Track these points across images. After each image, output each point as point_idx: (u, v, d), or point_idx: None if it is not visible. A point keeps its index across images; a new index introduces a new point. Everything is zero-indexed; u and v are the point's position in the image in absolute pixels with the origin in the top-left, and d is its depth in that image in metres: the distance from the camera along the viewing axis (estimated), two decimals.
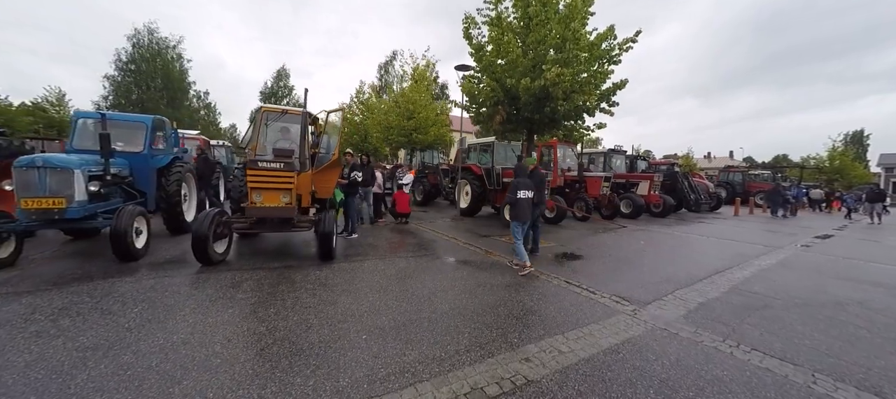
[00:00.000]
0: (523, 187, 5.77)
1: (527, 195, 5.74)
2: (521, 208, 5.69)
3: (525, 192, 5.73)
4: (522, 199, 5.69)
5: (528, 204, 5.74)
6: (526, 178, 6.03)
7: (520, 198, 5.68)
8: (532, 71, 6.18)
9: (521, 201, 5.69)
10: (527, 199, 5.73)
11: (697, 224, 12.80)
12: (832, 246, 9.40)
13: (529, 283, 5.07)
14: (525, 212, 5.70)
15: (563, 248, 7.58)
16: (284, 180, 5.47)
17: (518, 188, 5.76)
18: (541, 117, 6.71)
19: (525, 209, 5.70)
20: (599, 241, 8.55)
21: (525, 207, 5.70)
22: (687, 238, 9.62)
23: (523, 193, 5.72)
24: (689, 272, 5.96)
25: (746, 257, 7.34)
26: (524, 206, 5.70)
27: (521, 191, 5.73)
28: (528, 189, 5.78)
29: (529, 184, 5.89)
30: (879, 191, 16.47)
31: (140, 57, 31.41)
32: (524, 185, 5.81)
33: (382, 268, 5.64)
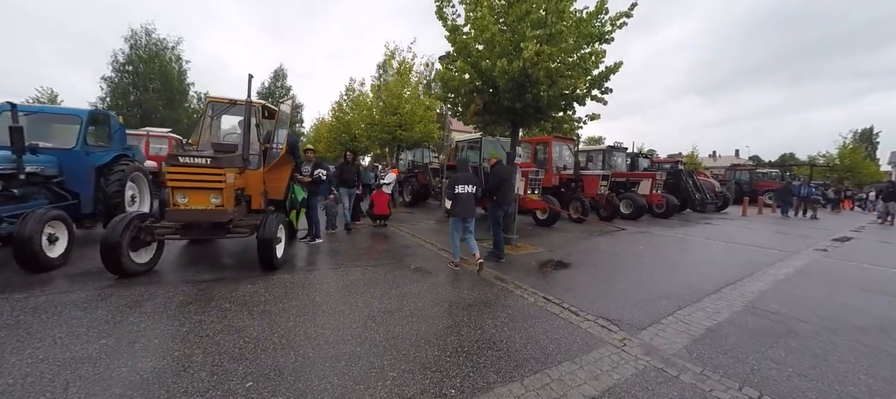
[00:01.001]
0: (463, 182, 5.37)
1: (467, 190, 5.33)
2: (461, 204, 5.33)
3: (465, 188, 5.33)
4: (462, 195, 5.32)
5: (469, 200, 5.35)
6: (467, 173, 5.59)
7: (458, 193, 5.32)
8: (512, 52, 5.24)
9: (461, 196, 5.32)
10: (467, 194, 5.33)
11: (703, 226, 11.76)
12: (853, 250, 8.33)
13: (499, 302, 4.15)
14: (465, 208, 5.34)
15: (551, 255, 6.64)
16: (212, 178, 4.60)
17: (457, 183, 5.38)
18: (523, 106, 5.77)
19: (465, 205, 5.33)
20: (593, 246, 7.59)
21: (465, 203, 5.33)
22: (691, 242, 8.62)
23: (463, 188, 5.33)
24: (694, 284, 5.00)
25: (759, 265, 6.34)
26: (464, 201, 5.33)
27: (461, 186, 5.34)
28: (469, 184, 5.37)
29: (471, 178, 5.48)
30: (894, 189, 15.26)
31: (137, 58, 30.93)
32: (464, 179, 5.41)
33: (330, 280, 4.75)
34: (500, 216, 6.01)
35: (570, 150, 12.81)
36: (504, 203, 6.01)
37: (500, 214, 6.01)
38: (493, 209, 6.05)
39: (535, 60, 4.97)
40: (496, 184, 5.96)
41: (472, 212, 5.41)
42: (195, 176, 4.56)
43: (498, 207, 5.99)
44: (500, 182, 5.93)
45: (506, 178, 6.04)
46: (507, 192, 6.04)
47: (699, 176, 17.41)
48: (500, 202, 5.95)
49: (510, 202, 6.27)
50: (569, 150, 12.95)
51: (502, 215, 6.06)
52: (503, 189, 5.93)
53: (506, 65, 5.21)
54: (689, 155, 45.60)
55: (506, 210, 6.12)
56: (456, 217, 5.45)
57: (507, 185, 6.04)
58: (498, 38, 5.36)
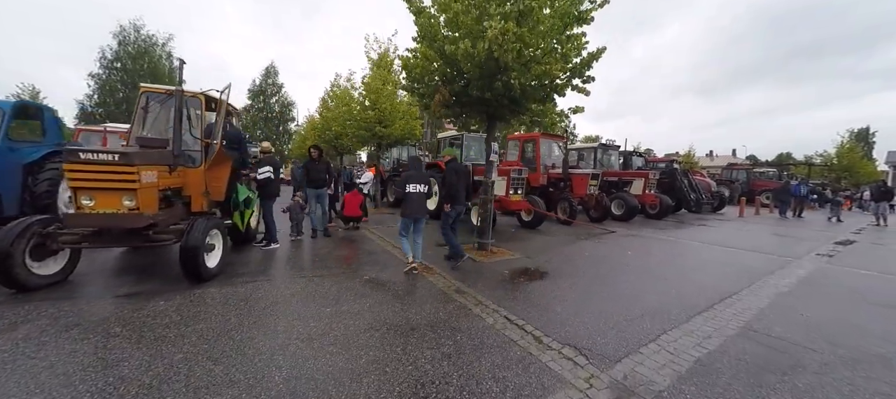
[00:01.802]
0: (413, 181, 5.06)
1: (417, 189, 5.04)
2: (411, 203, 5.03)
3: (415, 187, 5.04)
4: (412, 194, 5.02)
5: (419, 199, 5.07)
6: (418, 171, 5.27)
7: (409, 192, 5.01)
8: (477, 33, 4.56)
9: (411, 196, 5.02)
10: (417, 193, 5.04)
11: (698, 227, 11.09)
12: (859, 256, 7.66)
13: (449, 325, 3.47)
14: (415, 207, 5.04)
15: (528, 261, 5.96)
16: (122, 177, 3.91)
17: (407, 182, 5.05)
18: (494, 97, 5.09)
19: (415, 204, 5.04)
20: (577, 252, 6.90)
21: (415, 202, 5.04)
22: (684, 246, 7.94)
23: (413, 187, 5.03)
24: (684, 299, 4.33)
25: (758, 274, 5.67)
26: (414, 200, 5.04)
27: (411, 184, 5.03)
28: (420, 183, 5.08)
29: (421, 177, 5.17)
30: (887, 188, 14.61)
31: (126, 55, 30.20)
32: (414, 178, 5.09)
33: (261, 295, 4.07)
34: (451, 217, 5.62)
35: (559, 147, 12.11)
36: (456, 203, 5.58)
37: (451, 215, 5.61)
38: (446, 210, 5.65)
39: (501, 41, 4.29)
40: (452, 184, 5.56)
41: (422, 212, 5.15)
42: (100, 175, 3.87)
43: (452, 208, 5.60)
44: (454, 181, 5.52)
45: (460, 176, 5.61)
46: (461, 192, 5.60)
47: (695, 175, 16.74)
48: (451, 202, 5.56)
49: (464, 202, 5.81)
50: (558, 148, 12.26)
51: (455, 216, 5.66)
52: (458, 188, 5.55)
53: (469, 46, 4.53)
54: (685, 154, 44.99)
55: (459, 210, 5.69)
56: (406, 217, 5.10)
57: (461, 185, 5.59)
58: (462, 16, 4.67)
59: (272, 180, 6.13)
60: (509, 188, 8.51)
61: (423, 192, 5.11)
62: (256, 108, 36.57)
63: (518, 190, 8.67)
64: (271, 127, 37.05)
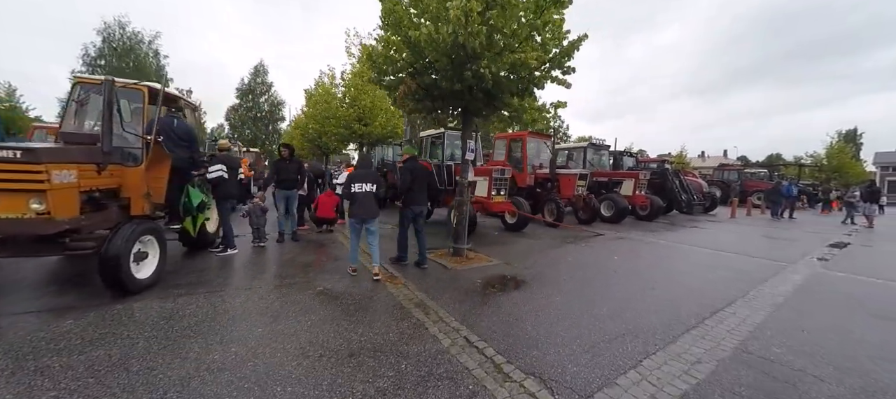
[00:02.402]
0: (360, 180, 4.77)
1: (364, 189, 4.74)
2: (359, 204, 4.75)
3: (362, 186, 4.75)
4: (359, 194, 4.74)
5: (367, 199, 4.75)
6: (366, 170, 5.05)
7: (355, 191, 4.75)
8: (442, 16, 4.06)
9: (358, 196, 4.75)
10: (364, 193, 4.74)
11: (689, 229, 10.68)
12: (856, 260, 7.26)
13: (397, 349, 2.96)
14: (363, 208, 4.74)
15: (506, 268, 5.47)
16: (25, 177, 3.36)
17: (353, 181, 4.80)
18: (464, 89, 4.59)
19: (363, 205, 4.74)
20: (560, 257, 6.43)
21: (363, 203, 4.74)
22: (674, 250, 7.50)
23: (359, 187, 4.74)
24: (671, 311, 3.86)
25: (752, 281, 5.23)
26: (362, 201, 4.74)
27: (357, 184, 4.75)
28: (367, 182, 4.77)
29: (369, 176, 4.87)
30: (874, 189, 14.36)
31: (110, 52, 29.37)
32: (361, 177, 4.81)
33: (191, 311, 3.53)
34: (408, 218, 5.35)
35: (547, 147, 11.65)
36: (413, 204, 5.30)
37: (408, 216, 5.35)
38: (401, 210, 5.45)
39: (465, 23, 3.80)
40: (407, 183, 5.22)
41: (372, 213, 4.80)
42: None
43: (406, 208, 5.35)
44: (410, 181, 5.21)
45: (417, 176, 5.27)
46: (419, 192, 5.30)
47: (687, 176, 16.40)
48: (409, 203, 5.29)
49: (423, 203, 5.47)
50: (546, 148, 11.80)
51: (412, 217, 5.37)
52: (414, 189, 5.25)
53: (432, 31, 4.03)
54: (678, 155, 44.87)
55: (416, 211, 5.37)
56: (354, 218, 4.82)
57: (418, 185, 5.27)
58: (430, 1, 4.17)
59: (225, 180, 5.58)
60: (491, 189, 8.02)
61: (372, 192, 4.76)
62: (245, 108, 35.83)
63: (501, 191, 8.19)
64: (260, 126, 36.31)
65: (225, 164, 5.65)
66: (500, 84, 4.75)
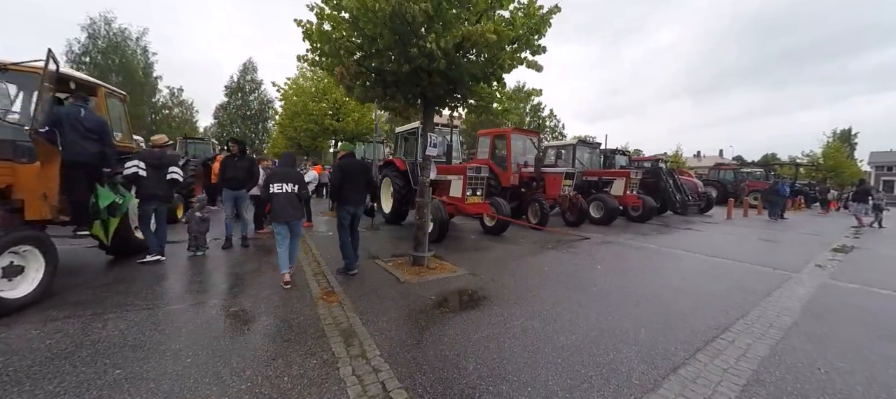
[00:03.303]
0: (280, 180, 4.38)
1: (283, 189, 4.35)
2: (278, 206, 4.35)
3: (281, 186, 4.35)
4: (278, 195, 4.34)
5: (287, 200, 4.36)
6: (288, 169, 4.65)
7: (274, 192, 4.34)
8: None
9: (277, 196, 4.33)
10: (284, 193, 4.35)
11: (683, 232, 9.93)
12: (861, 268, 6.51)
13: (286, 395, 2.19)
14: (281, 209, 4.35)
15: (470, 281, 4.71)
16: None
17: (272, 180, 4.40)
18: (414, 70, 3.83)
19: (283, 206, 4.35)
20: (536, 266, 5.66)
21: (282, 204, 4.35)
22: (665, 256, 6.74)
23: (278, 187, 4.34)
24: (655, 340, 3.10)
25: (753, 295, 4.48)
26: (281, 202, 4.34)
27: (276, 184, 4.35)
28: (287, 181, 4.38)
29: (289, 175, 4.46)
30: (864, 189, 13.67)
31: (96, 49, 28.55)
32: (280, 176, 4.42)
33: (48, 343, 2.75)
34: (345, 219, 4.86)
35: (534, 144, 10.88)
36: (347, 203, 4.84)
37: (345, 218, 4.85)
38: (337, 212, 4.99)
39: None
40: (336, 182, 4.80)
41: (292, 215, 4.40)
42: None
43: (341, 209, 4.89)
44: (340, 180, 4.78)
45: (349, 174, 4.80)
46: (353, 191, 4.85)
47: (681, 175, 15.65)
48: (343, 203, 4.86)
49: (359, 203, 4.98)
50: (533, 145, 11.02)
51: (348, 219, 4.88)
52: (347, 188, 4.80)
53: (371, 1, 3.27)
54: (673, 154, 44.18)
55: (353, 213, 4.91)
56: (276, 222, 4.40)
57: (351, 184, 4.81)
58: None
59: (143, 179, 4.79)
60: (465, 189, 7.25)
61: (292, 193, 4.37)
62: (234, 106, 35.00)
63: (476, 191, 7.42)
64: (250, 125, 35.46)
65: (146, 160, 4.87)
66: (457, 65, 3.97)
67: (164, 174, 5.05)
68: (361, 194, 4.99)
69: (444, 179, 7.95)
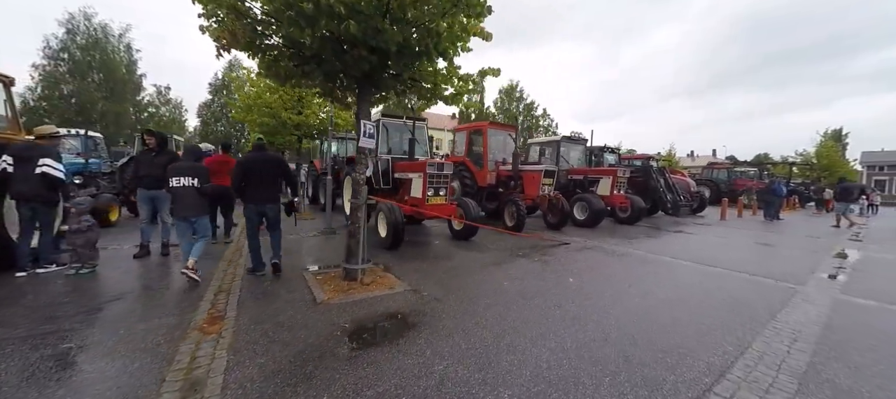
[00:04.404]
0: (178, 173, 4.12)
1: (182, 183, 4.09)
2: (176, 200, 4.17)
3: (180, 180, 4.09)
4: (177, 188, 4.11)
5: (187, 194, 4.12)
6: (188, 162, 4.34)
7: (173, 186, 4.11)
8: None
9: (176, 191, 4.12)
10: (183, 188, 4.09)
11: (673, 235, 9.03)
12: (875, 277, 5.62)
13: None
14: (180, 204, 4.15)
15: (409, 300, 3.77)
16: None
17: (171, 175, 4.14)
18: (324, 40, 2.88)
19: (181, 201, 4.14)
20: (495, 280, 4.72)
21: (181, 199, 4.13)
22: (652, 265, 5.82)
23: (177, 181, 4.09)
24: (622, 397, 2.18)
25: (752, 320, 3.57)
26: (180, 196, 4.13)
27: (176, 178, 4.11)
28: (187, 175, 4.10)
29: (190, 169, 4.17)
30: (849, 187, 12.88)
31: (75, 45, 27.43)
32: (180, 170, 4.14)
33: None
34: (252, 218, 4.45)
35: (512, 139, 9.94)
36: (253, 201, 4.41)
37: (252, 217, 4.45)
38: (244, 211, 4.54)
39: None
40: (237, 179, 4.36)
41: (193, 210, 4.17)
42: None
43: (246, 207, 4.46)
44: (241, 176, 4.34)
45: (251, 170, 4.34)
46: (258, 189, 4.37)
47: (674, 175, 14.76)
48: (247, 200, 4.41)
49: (266, 201, 4.45)
50: (512, 141, 10.08)
51: (258, 216, 4.47)
52: (251, 184, 4.35)
53: None
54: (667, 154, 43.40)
55: (261, 212, 4.46)
56: (177, 218, 4.21)
57: (255, 180, 4.34)
58: None
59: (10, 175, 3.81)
60: (426, 188, 6.30)
61: (192, 187, 4.11)
62: (219, 104, 33.92)
63: (439, 191, 6.47)
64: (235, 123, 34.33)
65: (14, 154, 3.89)
66: (382, 31, 3.03)
67: (31, 168, 4.06)
68: (269, 191, 4.46)
69: (405, 178, 7.01)
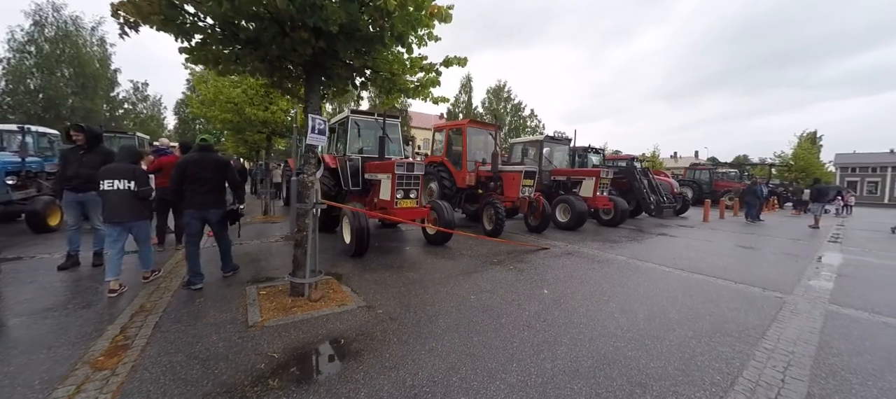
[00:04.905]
0: (110, 175, 3.72)
1: (114, 186, 3.69)
2: (107, 203, 3.71)
3: (112, 182, 3.69)
4: (108, 192, 3.68)
5: (119, 198, 3.71)
6: (121, 163, 3.88)
7: (104, 189, 3.68)
8: None
9: (107, 194, 3.69)
10: (115, 191, 3.69)
11: (657, 238, 8.72)
12: (862, 285, 5.35)
13: None
14: (112, 208, 3.71)
15: (356, 321, 3.27)
16: None
17: (104, 177, 3.72)
18: (264, 31, 2.37)
19: (112, 205, 3.71)
20: (459, 294, 4.25)
21: (112, 202, 3.70)
22: (634, 274, 5.44)
23: (109, 183, 3.68)
24: None
25: (742, 338, 3.19)
26: (111, 199, 3.70)
27: (107, 180, 3.69)
28: (119, 177, 3.72)
29: (122, 171, 3.78)
30: (824, 188, 12.94)
31: (43, 38, 25.99)
32: (112, 172, 3.74)
33: None
34: (192, 225, 4.08)
35: (493, 138, 9.50)
36: (193, 207, 4.06)
37: (192, 223, 4.08)
38: (184, 216, 4.27)
39: None
40: (174, 182, 4.02)
41: (129, 215, 3.85)
42: None
43: (186, 214, 4.13)
44: (178, 180, 3.99)
45: (189, 173, 3.99)
46: (196, 193, 4.02)
47: (657, 175, 14.58)
48: (187, 205, 4.09)
49: (206, 206, 4.08)
50: (493, 140, 9.64)
51: (199, 223, 4.12)
52: (190, 189, 4.02)
53: None
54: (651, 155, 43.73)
55: (202, 217, 4.10)
56: (109, 223, 3.83)
57: (195, 183, 4.00)
58: None
59: None
60: (394, 190, 5.80)
61: (125, 190, 3.77)
62: None
63: (409, 193, 5.97)
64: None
65: None
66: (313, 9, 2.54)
67: None
68: (209, 195, 4.08)
69: (375, 179, 6.49)
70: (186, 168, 4.00)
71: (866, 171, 50.52)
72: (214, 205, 4.14)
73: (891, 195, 47.04)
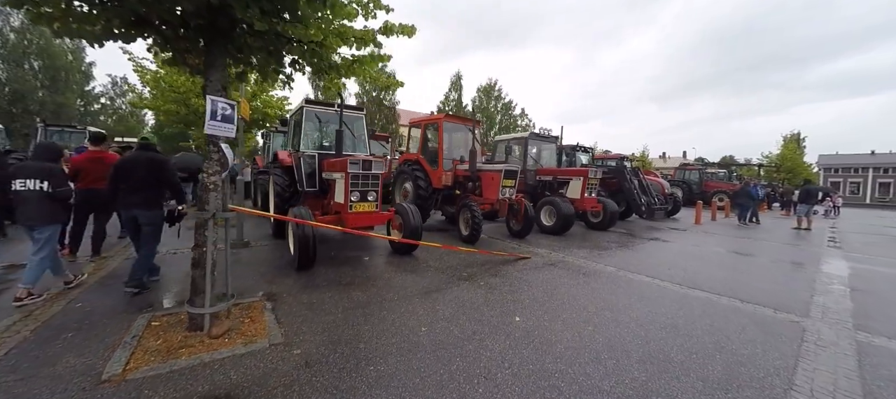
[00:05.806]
0: (24, 174, 3.41)
1: (27, 186, 3.38)
2: (21, 205, 3.40)
3: (25, 182, 3.38)
4: (21, 192, 3.38)
5: (33, 199, 3.40)
6: (37, 162, 3.52)
7: (17, 189, 3.38)
8: None
9: (21, 195, 3.38)
10: (28, 191, 3.38)
11: (649, 243, 8.00)
12: (882, 303, 4.66)
13: None
14: (25, 210, 3.40)
15: (259, 368, 2.41)
16: None
17: (16, 176, 3.41)
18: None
19: (26, 207, 3.40)
20: (410, 325, 3.41)
21: (26, 204, 3.39)
22: (624, 290, 4.65)
23: (22, 183, 3.38)
24: None
25: (764, 384, 2.42)
26: (25, 201, 3.39)
27: (20, 180, 3.39)
28: (33, 177, 3.40)
29: (37, 170, 3.43)
30: (812, 189, 12.45)
31: (8, 28, 24.52)
32: (27, 171, 3.43)
33: None
34: (128, 226, 3.94)
35: (472, 134, 8.66)
36: (124, 207, 3.80)
37: (127, 224, 3.94)
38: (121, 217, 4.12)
39: None
40: (111, 182, 3.70)
41: (39, 218, 3.41)
42: None
43: (130, 210, 3.78)
44: (114, 178, 3.69)
45: (121, 174, 3.68)
46: (129, 192, 3.69)
47: (647, 175, 13.91)
48: (120, 206, 3.82)
49: (135, 206, 3.73)
50: (472, 136, 8.81)
51: (132, 224, 3.85)
52: (124, 188, 3.70)
53: None
54: (641, 155, 43.41)
55: (134, 217, 3.78)
56: (22, 225, 3.47)
57: (128, 184, 3.68)
58: None
59: None
60: (348, 192, 4.93)
61: (40, 191, 3.40)
62: None
63: (367, 195, 5.11)
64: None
65: None
66: None
67: None
68: (140, 195, 3.74)
69: (331, 179, 5.62)
70: (121, 167, 3.76)
71: (849, 172, 50.92)
72: (141, 205, 3.77)
73: (872, 195, 47.43)
